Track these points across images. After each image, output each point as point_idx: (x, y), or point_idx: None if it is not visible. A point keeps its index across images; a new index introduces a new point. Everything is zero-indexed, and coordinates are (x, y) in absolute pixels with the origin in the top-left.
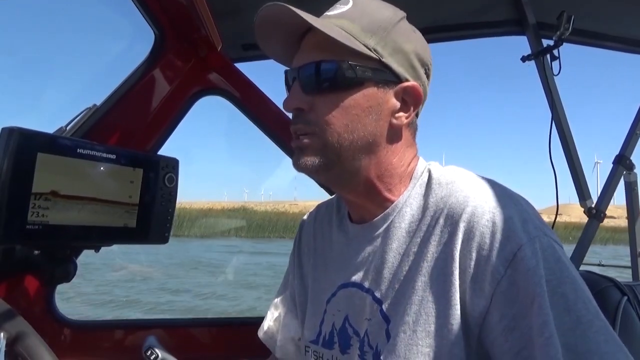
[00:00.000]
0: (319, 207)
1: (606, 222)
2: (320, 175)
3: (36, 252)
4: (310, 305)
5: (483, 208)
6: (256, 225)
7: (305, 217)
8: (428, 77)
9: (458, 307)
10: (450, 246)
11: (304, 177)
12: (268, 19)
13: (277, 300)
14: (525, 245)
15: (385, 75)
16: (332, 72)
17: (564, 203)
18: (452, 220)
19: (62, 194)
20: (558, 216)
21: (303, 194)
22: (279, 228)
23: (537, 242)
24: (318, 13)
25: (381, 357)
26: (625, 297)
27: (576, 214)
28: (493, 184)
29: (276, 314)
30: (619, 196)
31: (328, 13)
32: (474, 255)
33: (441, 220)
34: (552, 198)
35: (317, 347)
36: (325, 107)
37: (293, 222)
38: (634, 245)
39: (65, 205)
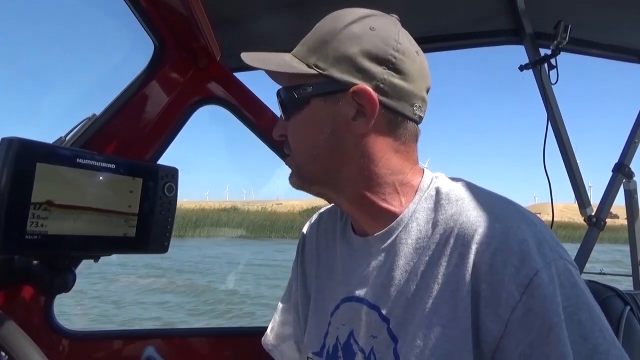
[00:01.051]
0: (321, 214)
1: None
2: (308, 192)
3: (35, 262)
4: (314, 316)
5: (496, 229)
6: (260, 225)
7: (307, 225)
8: (397, 71)
9: (470, 331)
10: (462, 268)
11: (286, 177)
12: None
13: (280, 306)
14: (542, 270)
15: (328, 87)
16: (283, 98)
17: (542, 202)
18: (464, 241)
19: (61, 203)
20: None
21: (286, 194)
22: (278, 228)
23: (553, 267)
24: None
25: None
26: (628, 307)
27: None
28: (506, 202)
29: (277, 318)
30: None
31: None
32: (487, 278)
33: (451, 240)
34: (528, 196)
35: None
36: (291, 131)
37: (293, 223)
38: (634, 254)
39: (64, 215)
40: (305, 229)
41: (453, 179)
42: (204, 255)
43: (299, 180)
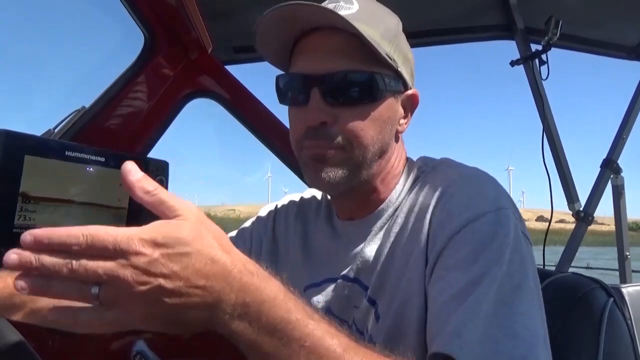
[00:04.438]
0: (302, 195)
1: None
2: (341, 188)
3: None
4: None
5: (460, 184)
6: None
7: (287, 199)
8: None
9: (424, 270)
10: (425, 218)
11: (235, 182)
12: (279, 18)
13: None
14: (491, 213)
15: (399, 85)
16: (365, 83)
17: None
18: (431, 197)
19: (49, 197)
20: None
21: (231, 198)
22: None
23: (502, 212)
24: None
25: (373, 338)
26: (612, 299)
27: None
28: (477, 169)
29: None
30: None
31: (333, 8)
32: (439, 215)
33: (420, 199)
34: None
35: None
36: (352, 120)
37: None
38: (621, 248)
39: (53, 209)
40: (284, 202)
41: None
42: None
43: (341, 176)
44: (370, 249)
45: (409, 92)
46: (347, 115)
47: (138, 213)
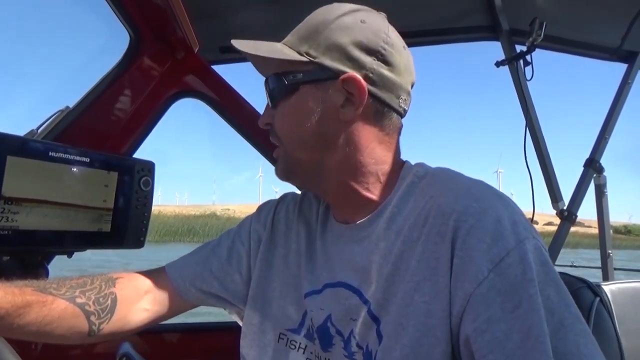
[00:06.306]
0: (303, 194)
1: None
2: (292, 181)
3: (5, 258)
4: (291, 292)
5: (473, 208)
6: None
7: (287, 196)
8: (386, 62)
9: (449, 306)
10: (441, 246)
11: (223, 181)
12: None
13: (210, 248)
14: (513, 251)
15: (319, 74)
16: (272, 85)
17: None
18: (443, 220)
19: (33, 198)
20: None
21: (221, 198)
22: None
23: (524, 245)
24: (300, 19)
25: (373, 356)
26: (598, 298)
27: None
28: (483, 185)
29: (196, 257)
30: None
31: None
32: (459, 254)
33: (430, 220)
34: None
35: (298, 337)
36: (278, 118)
37: None
38: (603, 247)
39: (36, 210)
40: (283, 200)
41: (433, 167)
42: None
43: (286, 170)
44: (370, 258)
45: (342, 76)
46: (277, 114)
47: (124, 213)
